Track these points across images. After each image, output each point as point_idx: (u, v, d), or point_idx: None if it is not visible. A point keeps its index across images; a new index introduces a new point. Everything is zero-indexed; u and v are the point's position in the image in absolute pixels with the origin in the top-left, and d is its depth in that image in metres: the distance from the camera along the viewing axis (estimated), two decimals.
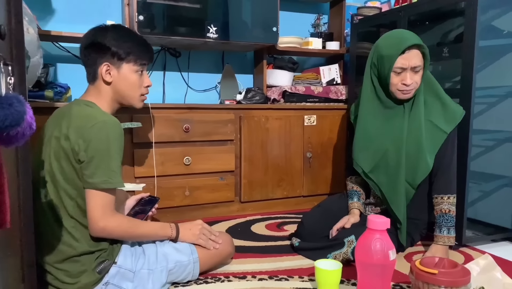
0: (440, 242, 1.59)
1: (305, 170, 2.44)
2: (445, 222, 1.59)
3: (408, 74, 1.53)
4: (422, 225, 1.74)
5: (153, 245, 1.34)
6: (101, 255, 1.23)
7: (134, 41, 1.35)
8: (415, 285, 1.12)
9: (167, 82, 2.58)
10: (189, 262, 1.36)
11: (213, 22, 2.20)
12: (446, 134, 1.59)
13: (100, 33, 1.32)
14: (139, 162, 2.05)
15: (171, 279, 1.35)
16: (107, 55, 1.30)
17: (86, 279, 1.20)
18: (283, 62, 2.62)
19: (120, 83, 1.33)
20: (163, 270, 1.30)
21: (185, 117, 2.13)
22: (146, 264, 1.28)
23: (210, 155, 2.21)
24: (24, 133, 0.71)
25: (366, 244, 1.09)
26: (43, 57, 2.24)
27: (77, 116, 1.22)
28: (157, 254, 1.31)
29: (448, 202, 1.61)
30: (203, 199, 2.22)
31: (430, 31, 2.17)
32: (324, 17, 2.88)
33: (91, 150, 1.17)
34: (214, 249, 1.43)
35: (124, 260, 1.25)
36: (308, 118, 2.43)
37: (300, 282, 1.43)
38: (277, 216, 2.29)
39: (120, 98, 1.37)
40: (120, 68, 1.33)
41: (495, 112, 1.99)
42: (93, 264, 1.21)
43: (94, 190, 1.18)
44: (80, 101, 1.32)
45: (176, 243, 1.37)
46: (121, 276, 1.24)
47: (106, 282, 1.22)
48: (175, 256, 1.34)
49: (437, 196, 1.63)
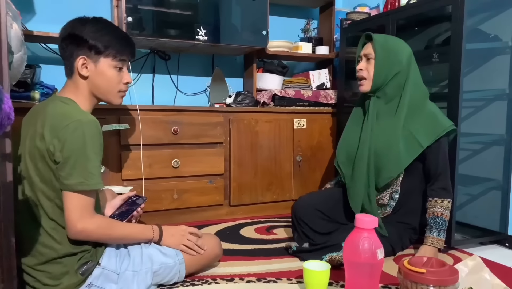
0: (429, 243, 1.58)
1: (295, 174, 2.43)
2: (436, 224, 1.59)
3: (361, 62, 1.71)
4: (412, 230, 1.73)
5: (138, 247, 1.31)
6: (84, 256, 1.20)
7: (114, 35, 1.28)
8: (403, 285, 1.11)
9: (156, 85, 2.56)
10: (174, 263, 1.33)
11: (202, 25, 2.19)
12: (421, 148, 1.60)
13: (79, 25, 1.25)
14: (127, 164, 2.02)
15: (156, 281, 1.32)
16: (84, 48, 1.24)
17: (68, 280, 1.17)
18: (273, 66, 2.62)
19: (97, 78, 1.27)
20: (148, 271, 1.27)
21: (173, 120, 2.11)
22: (131, 266, 1.25)
23: (199, 158, 2.19)
24: (1, 123, 0.69)
25: (354, 243, 1.08)
26: (29, 59, 2.22)
27: (52, 115, 1.17)
28: (142, 256, 1.28)
29: (441, 205, 1.60)
30: (192, 202, 2.19)
31: (418, 36, 2.19)
32: (314, 22, 2.89)
33: (67, 150, 1.13)
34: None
35: (108, 261, 1.22)
36: (297, 122, 2.43)
37: (289, 284, 1.41)
38: (267, 220, 2.27)
39: (97, 93, 1.29)
40: (98, 62, 1.26)
41: (482, 115, 2.00)
42: (76, 265, 1.18)
43: (71, 191, 1.14)
44: (56, 98, 1.26)
45: (161, 247, 1.35)
46: (105, 277, 1.21)
47: (89, 283, 1.19)
48: (160, 258, 1.31)
49: (431, 199, 1.63)
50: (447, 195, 1.61)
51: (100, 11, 2.30)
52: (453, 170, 1.71)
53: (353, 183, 1.71)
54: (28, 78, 1.90)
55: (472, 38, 1.92)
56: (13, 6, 1.33)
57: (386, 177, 1.63)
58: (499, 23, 1.91)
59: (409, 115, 1.63)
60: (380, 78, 1.65)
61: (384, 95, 1.68)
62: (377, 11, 2.58)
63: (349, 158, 1.76)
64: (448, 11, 1.80)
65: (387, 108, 1.69)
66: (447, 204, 1.61)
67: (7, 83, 0.98)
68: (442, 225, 1.59)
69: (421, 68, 1.72)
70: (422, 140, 1.60)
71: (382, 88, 1.67)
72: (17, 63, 1.24)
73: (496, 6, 1.92)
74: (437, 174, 1.62)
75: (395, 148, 1.60)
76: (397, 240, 1.67)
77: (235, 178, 2.28)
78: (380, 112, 1.69)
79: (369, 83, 1.68)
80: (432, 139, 1.60)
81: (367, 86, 1.68)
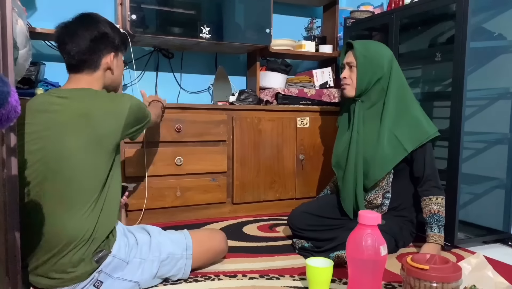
0: (432, 240, 1.59)
1: (298, 172, 2.43)
2: (435, 221, 1.61)
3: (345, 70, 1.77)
4: (411, 223, 1.75)
5: (147, 235, 1.34)
6: (100, 245, 1.22)
7: (120, 31, 1.41)
8: (406, 282, 1.11)
9: (159, 83, 2.57)
10: (181, 256, 1.35)
11: (206, 23, 2.20)
12: (406, 152, 1.64)
13: (104, 23, 1.34)
14: (130, 162, 2.03)
15: (162, 273, 1.33)
16: (111, 45, 1.34)
17: (84, 268, 1.19)
18: (276, 64, 2.62)
19: (116, 72, 1.38)
20: (154, 260, 1.29)
21: (176, 117, 2.12)
22: (138, 253, 1.27)
23: (202, 156, 2.19)
24: (8, 116, 0.69)
25: (357, 240, 1.08)
26: (33, 56, 2.23)
27: (94, 98, 1.26)
28: (151, 244, 1.31)
29: (436, 203, 1.63)
30: (195, 200, 2.20)
31: (422, 34, 2.19)
32: (318, 21, 2.89)
33: (130, 115, 1.30)
34: (209, 244, 1.45)
35: (118, 250, 1.24)
36: (301, 121, 2.43)
37: (291, 281, 1.41)
38: (269, 218, 2.27)
39: (111, 87, 1.39)
40: (118, 57, 1.38)
41: (486, 114, 2.00)
42: (91, 254, 1.20)
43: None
44: (73, 90, 1.27)
45: (172, 235, 1.37)
46: (115, 265, 1.23)
47: (100, 270, 1.21)
48: (169, 248, 1.33)
49: (425, 198, 1.66)
50: (440, 192, 1.65)
51: (104, 8, 2.31)
52: (456, 168, 1.72)
53: (344, 185, 1.77)
54: (33, 76, 1.92)
55: (476, 36, 1.91)
56: (18, 2, 1.34)
57: (372, 179, 1.69)
58: (504, 22, 1.91)
59: (395, 119, 1.68)
60: (363, 85, 1.71)
61: (368, 100, 1.74)
62: (380, 10, 2.57)
63: (340, 161, 1.83)
64: (452, 9, 1.80)
65: (372, 112, 1.74)
66: (441, 200, 1.64)
67: (12, 79, 0.99)
68: (440, 222, 1.62)
69: (424, 67, 1.72)
70: (406, 145, 1.65)
71: (366, 92, 1.72)
72: (22, 59, 1.25)
73: (501, 4, 1.91)
74: (426, 175, 1.66)
75: (380, 151, 1.66)
76: (398, 232, 1.68)
77: (238, 176, 2.28)
78: (366, 116, 1.75)
79: (352, 89, 1.73)
80: (416, 145, 1.65)
81: (351, 92, 1.74)
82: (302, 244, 1.72)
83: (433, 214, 1.61)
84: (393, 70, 1.70)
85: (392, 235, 1.64)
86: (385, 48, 1.75)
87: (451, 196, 1.73)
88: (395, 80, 1.70)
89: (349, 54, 1.74)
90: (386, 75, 1.70)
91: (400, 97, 1.70)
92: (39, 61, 2.08)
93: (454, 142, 1.73)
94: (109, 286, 1.22)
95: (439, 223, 1.60)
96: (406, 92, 1.72)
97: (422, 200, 1.67)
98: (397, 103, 1.69)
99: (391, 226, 1.65)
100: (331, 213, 1.80)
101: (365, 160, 1.70)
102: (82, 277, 1.18)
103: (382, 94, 1.71)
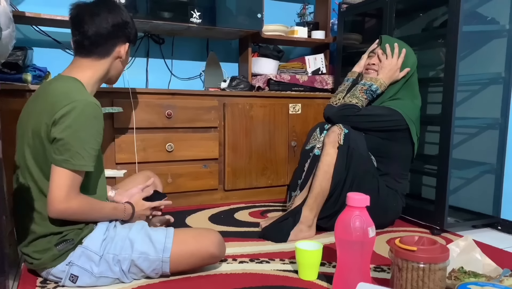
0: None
1: (290, 159, 2.43)
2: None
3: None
4: (398, 194, 1.83)
5: (125, 230, 1.26)
6: (68, 234, 1.19)
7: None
8: (394, 263, 1.11)
9: (150, 69, 2.54)
10: (156, 258, 1.23)
11: (196, 7, 2.16)
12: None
13: (125, 12, 1.33)
14: (120, 148, 2.01)
15: (136, 271, 1.24)
16: (128, 35, 1.34)
17: (47, 255, 1.19)
18: (268, 50, 2.60)
19: (124, 61, 1.38)
20: (126, 258, 1.21)
21: (167, 103, 2.10)
22: (112, 249, 1.21)
23: (193, 142, 2.18)
24: None
25: (345, 221, 1.08)
26: (21, 41, 2.18)
27: (53, 93, 1.18)
28: (124, 240, 1.23)
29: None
30: (186, 187, 2.19)
31: (417, 19, 2.17)
32: (310, 7, 2.86)
33: (61, 129, 1.12)
34: (193, 248, 1.29)
35: (90, 242, 1.20)
36: (293, 107, 2.41)
37: (281, 264, 1.41)
38: (261, 204, 2.27)
39: (113, 75, 1.38)
40: (127, 47, 1.36)
41: (478, 99, 2.00)
42: (56, 242, 1.18)
43: (57, 166, 1.13)
44: (61, 77, 1.26)
45: (154, 233, 1.26)
46: (86, 257, 1.19)
47: (69, 262, 1.18)
48: (142, 246, 1.23)
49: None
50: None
51: None
52: (447, 154, 1.72)
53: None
54: (20, 60, 1.88)
55: (470, 20, 1.90)
56: None
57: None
58: (496, 6, 1.90)
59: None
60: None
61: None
62: None
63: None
64: None
65: (378, 101, 1.87)
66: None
67: None
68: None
69: (419, 52, 1.72)
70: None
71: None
72: (5, 40, 1.22)
73: None
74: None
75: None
76: (391, 200, 1.80)
77: (230, 163, 2.27)
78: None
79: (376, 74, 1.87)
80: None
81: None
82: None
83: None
84: (413, 75, 1.86)
85: (385, 203, 1.77)
86: (413, 54, 1.87)
87: (442, 181, 1.74)
88: (409, 85, 1.86)
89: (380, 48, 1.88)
90: (406, 77, 1.84)
91: (411, 90, 1.87)
92: (27, 46, 2.04)
93: (445, 128, 1.73)
94: (86, 280, 1.20)
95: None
96: (414, 102, 1.86)
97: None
98: (407, 94, 1.85)
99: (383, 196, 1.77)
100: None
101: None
102: (46, 263, 1.19)
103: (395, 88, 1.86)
